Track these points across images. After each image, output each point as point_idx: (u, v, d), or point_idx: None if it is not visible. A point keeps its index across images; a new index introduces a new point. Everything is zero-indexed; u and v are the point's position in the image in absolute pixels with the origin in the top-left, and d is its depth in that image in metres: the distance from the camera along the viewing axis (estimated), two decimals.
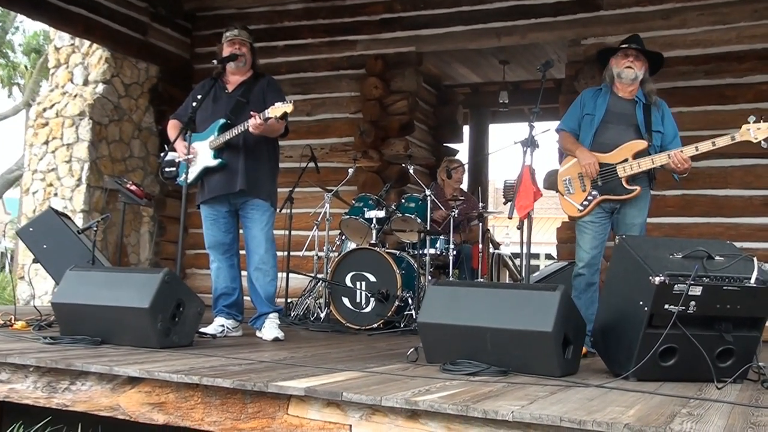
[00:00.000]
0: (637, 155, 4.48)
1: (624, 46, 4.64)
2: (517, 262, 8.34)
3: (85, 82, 8.20)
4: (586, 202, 4.58)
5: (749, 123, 4.21)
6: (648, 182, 4.61)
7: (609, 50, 4.77)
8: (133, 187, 6.05)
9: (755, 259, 3.39)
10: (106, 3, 7.97)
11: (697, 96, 6.99)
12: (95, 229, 5.38)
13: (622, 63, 4.60)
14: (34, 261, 5.69)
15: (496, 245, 7.79)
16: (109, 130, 8.12)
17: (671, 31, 7.10)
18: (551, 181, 4.81)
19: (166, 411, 3.15)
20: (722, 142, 4.26)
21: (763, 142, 4.20)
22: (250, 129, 4.63)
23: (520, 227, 4.59)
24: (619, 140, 4.53)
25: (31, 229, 5.70)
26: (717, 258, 3.39)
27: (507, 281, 8.02)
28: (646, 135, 4.52)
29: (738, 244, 3.75)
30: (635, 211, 4.57)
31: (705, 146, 4.31)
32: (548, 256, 21.48)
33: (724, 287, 3.29)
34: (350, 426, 2.80)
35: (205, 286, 7.36)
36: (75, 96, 8.08)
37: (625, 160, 4.49)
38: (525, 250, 4.56)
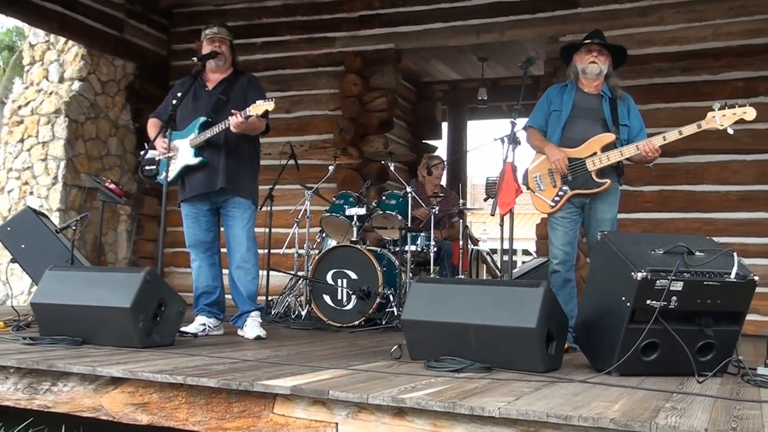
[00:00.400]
0: (606, 148, 4.50)
1: (587, 41, 4.66)
2: (495, 257, 8.37)
3: (61, 80, 8.10)
4: (557, 198, 4.60)
5: (714, 110, 4.22)
6: (617, 178, 4.64)
7: (572, 47, 4.79)
8: (112, 186, 6.00)
9: (735, 254, 3.43)
10: None
11: (673, 93, 7.06)
12: (74, 228, 5.32)
13: (586, 59, 4.62)
14: (12, 260, 5.62)
15: (475, 241, 7.81)
16: (85, 128, 8.03)
17: (648, 28, 7.17)
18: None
19: (149, 411, 3.13)
20: (689, 130, 4.27)
21: (729, 128, 4.22)
22: (231, 127, 4.60)
23: (501, 224, 4.60)
24: (587, 134, 4.55)
25: (8, 228, 5.64)
26: (697, 253, 3.43)
27: (485, 277, 8.04)
28: (613, 128, 4.55)
29: (715, 239, 3.79)
30: (606, 206, 4.59)
31: (672, 135, 4.33)
32: (525, 252, 21.55)
33: (705, 282, 3.33)
34: (336, 424, 2.79)
35: (184, 284, 7.34)
36: (50, 93, 7.98)
37: (594, 154, 4.50)
38: (507, 246, 4.58)
